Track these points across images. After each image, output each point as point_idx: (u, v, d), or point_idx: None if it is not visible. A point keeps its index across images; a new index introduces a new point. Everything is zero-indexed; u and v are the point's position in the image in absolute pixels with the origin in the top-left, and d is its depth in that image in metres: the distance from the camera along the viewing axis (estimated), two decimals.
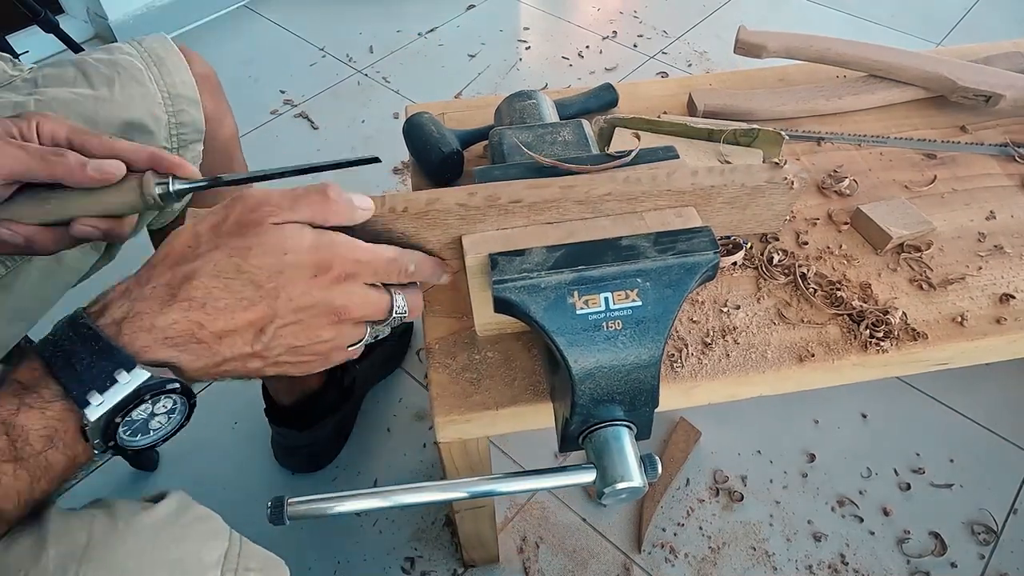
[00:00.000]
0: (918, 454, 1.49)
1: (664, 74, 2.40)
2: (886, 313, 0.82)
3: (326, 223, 0.55)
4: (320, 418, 1.42)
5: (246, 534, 0.56)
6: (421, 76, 2.41)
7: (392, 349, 1.61)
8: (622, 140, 0.95)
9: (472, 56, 2.49)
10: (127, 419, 0.48)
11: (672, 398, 0.79)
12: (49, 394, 0.47)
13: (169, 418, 0.52)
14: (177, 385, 0.50)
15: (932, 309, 0.84)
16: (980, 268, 0.88)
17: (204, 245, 0.51)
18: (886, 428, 1.53)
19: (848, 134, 1.03)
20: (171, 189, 0.64)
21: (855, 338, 0.81)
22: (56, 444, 0.47)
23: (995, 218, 0.93)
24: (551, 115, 0.94)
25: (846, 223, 0.92)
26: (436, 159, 0.93)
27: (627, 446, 0.64)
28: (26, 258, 0.84)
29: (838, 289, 0.84)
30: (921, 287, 0.86)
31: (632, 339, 0.63)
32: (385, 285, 0.58)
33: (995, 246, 0.90)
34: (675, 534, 1.39)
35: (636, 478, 0.62)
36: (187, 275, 0.50)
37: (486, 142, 1.01)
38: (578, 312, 0.62)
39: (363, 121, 2.24)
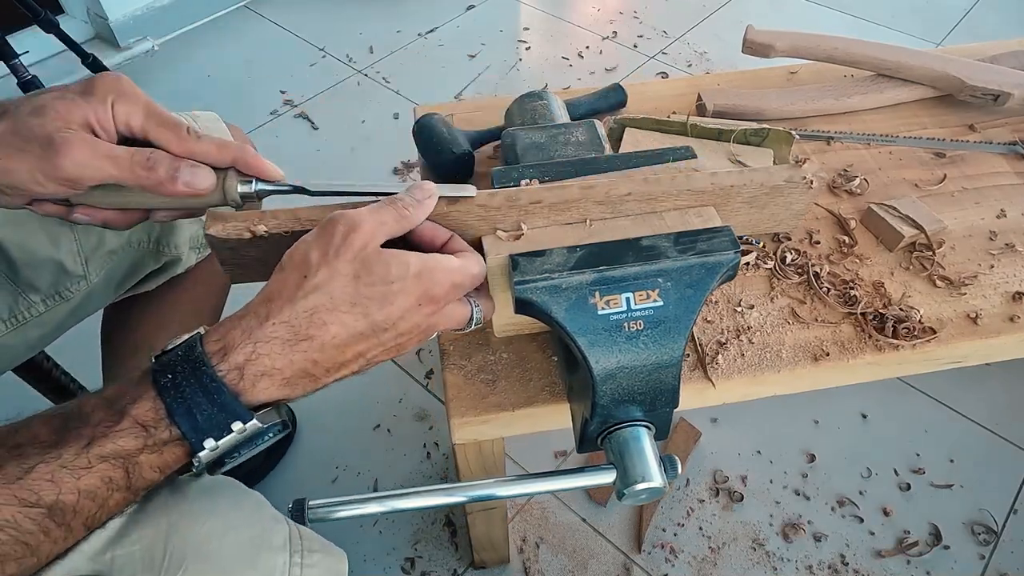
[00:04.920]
0: (918, 454, 1.49)
1: (664, 74, 2.40)
2: (906, 312, 0.82)
3: (406, 231, 0.58)
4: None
5: None
6: (421, 76, 2.41)
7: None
8: (632, 140, 0.95)
9: (472, 56, 2.48)
10: (234, 455, 0.51)
11: (687, 398, 0.79)
12: (168, 437, 0.48)
13: (259, 446, 0.53)
14: (281, 426, 0.52)
15: (946, 308, 0.84)
16: (992, 266, 0.88)
17: (319, 275, 0.52)
18: (886, 428, 1.53)
19: (857, 133, 1.03)
20: (254, 190, 0.63)
21: (869, 337, 0.81)
22: (161, 474, 0.49)
23: (1006, 216, 0.93)
24: (562, 116, 0.94)
25: (858, 222, 0.93)
26: (448, 160, 0.93)
27: (647, 446, 0.64)
28: (62, 298, 0.86)
29: (851, 288, 0.85)
30: (935, 285, 0.86)
31: (653, 339, 0.63)
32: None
33: (1006, 244, 0.90)
34: (675, 534, 1.39)
35: (657, 478, 0.62)
36: (306, 310, 0.51)
37: (496, 143, 1.00)
38: (599, 312, 0.62)
39: (363, 121, 2.24)
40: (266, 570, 0.53)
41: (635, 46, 2.52)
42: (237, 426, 0.49)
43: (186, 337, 0.51)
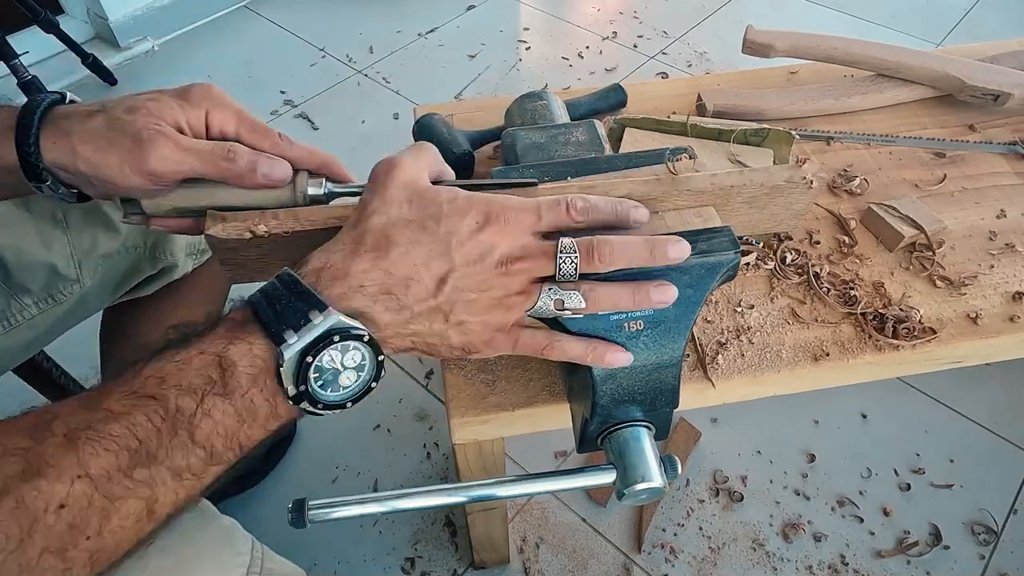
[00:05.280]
0: (918, 454, 1.49)
1: (664, 74, 2.40)
2: (906, 312, 0.82)
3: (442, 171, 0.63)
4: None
5: None
6: (421, 76, 2.41)
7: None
8: (632, 140, 0.95)
9: (472, 56, 2.48)
10: (317, 365, 0.50)
11: (687, 398, 0.79)
12: (254, 332, 0.51)
13: (358, 375, 0.53)
14: (364, 333, 0.51)
15: (946, 308, 0.84)
16: (992, 266, 0.88)
17: (374, 204, 0.56)
18: (886, 428, 1.53)
19: (857, 133, 1.03)
20: (323, 192, 0.64)
21: (869, 337, 0.81)
22: (259, 384, 0.50)
23: (1006, 216, 0.93)
24: (562, 116, 0.94)
25: (858, 222, 0.93)
26: (448, 160, 0.92)
27: (647, 447, 0.64)
28: (55, 301, 0.87)
29: (851, 288, 0.85)
30: (935, 285, 0.86)
31: (653, 339, 0.63)
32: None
33: (1006, 244, 0.90)
34: (675, 534, 1.39)
35: (657, 478, 0.62)
36: (367, 229, 0.54)
37: (496, 143, 1.00)
38: (599, 312, 0.62)
39: (363, 121, 2.24)
40: None
41: (635, 46, 2.52)
42: (315, 316, 0.50)
43: None
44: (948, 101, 1.08)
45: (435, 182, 0.62)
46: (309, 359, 0.50)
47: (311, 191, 0.64)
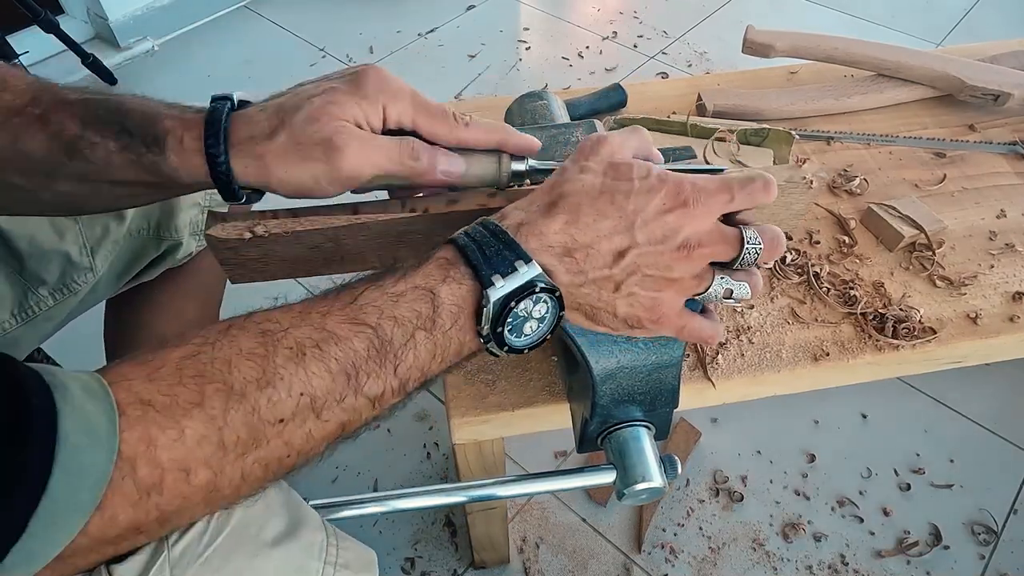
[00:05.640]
0: (918, 454, 1.49)
1: (664, 74, 2.40)
2: (906, 312, 0.82)
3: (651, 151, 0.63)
4: None
5: None
6: (421, 76, 2.41)
7: None
8: None
9: (472, 56, 2.48)
10: (513, 311, 0.52)
11: (686, 398, 0.79)
12: (464, 272, 0.53)
13: (539, 325, 0.55)
14: (557, 288, 0.54)
15: (946, 307, 0.84)
16: (992, 266, 0.88)
17: (571, 170, 0.58)
18: (886, 428, 1.53)
19: (857, 133, 1.03)
20: (525, 167, 0.65)
21: (869, 337, 0.81)
22: (457, 323, 0.53)
23: (1006, 216, 0.93)
24: (562, 116, 0.94)
25: (858, 222, 0.93)
26: None
27: (647, 446, 0.64)
28: (69, 291, 0.88)
29: (851, 288, 0.85)
30: (935, 285, 0.86)
31: (653, 339, 0.63)
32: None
33: (1006, 244, 0.90)
34: (675, 534, 1.39)
35: (657, 478, 0.62)
36: (561, 194, 0.56)
37: None
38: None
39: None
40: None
41: (635, 46, 2.52)
42: (521, 266, 0.52)
43: None
44: (948, 101, 1.08)
45: None
46: (512, 304, 0.52)
47: (515, 167, 0.65)
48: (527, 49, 2.52)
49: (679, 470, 0.64)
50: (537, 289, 0.52)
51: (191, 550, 0.48)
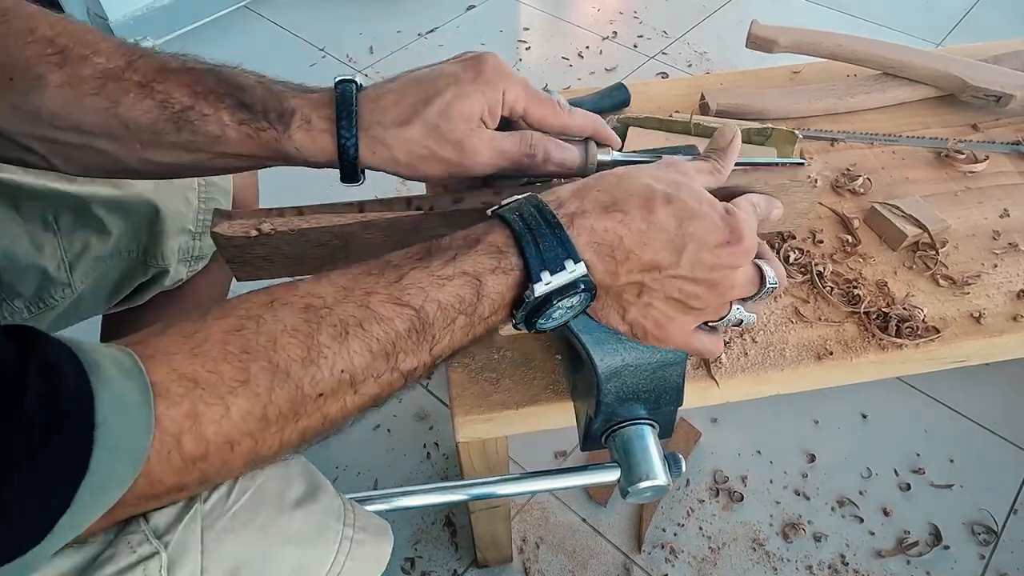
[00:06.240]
0: (918, 454, 1.49)
1: (664, 74, 2.40)
2: (909, 311, 0.82)
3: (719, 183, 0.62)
4: None
5: None
6: None
7: None
8: (636, 139, 0.95)
9: None
10: (552, 304, 0.53)
11: (690, 397, 0.78)
12: (514, 263, 0.52)
13: (568, 311, 0.55)
14: (595, 287, 0.54)
15: (949, 307, 0.84)
16: (995, 266, 0.88)
17: (639, 174, 0.57)
18: (886, 428, 1.53)
19: (861, 133, 1.03)
20: (610, 158, 0.67)
21: (873, 336, 0.81)
22: (497, 311, 0.53)
23: (1009, 216, 0.93)
24: None
25: (861, 221, 0.93)
26: None
27: (651, 445, 0.64)
28: (46, 306, 0.87)
29: (855, 287, 0.85)
30: (938, 285, 0.86)
31: None
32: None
33: (1010, 243, 0.90)
34: (675, 534, 1.39)
35: (661, 476, 0.62)
36: (625, 191, 0.55)
37: None
38: None
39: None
40: (325, 539, 0.54)
41: (635, 46, 2.52)
42: (570, 265, 0.52)
43: (517, 196, 0.56)
44: (951, 101, 1.08)
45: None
46: (555, 300, 0.52)
47: (601, 156, 0.67)
48: (527, 49, 2.51)
49: (683, 468, 0.64)
50: (580, 288, 0.52)
51: (219, 506, 0.49)
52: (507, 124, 0.65)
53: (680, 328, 0.59)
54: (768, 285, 0.59)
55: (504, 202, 0.56)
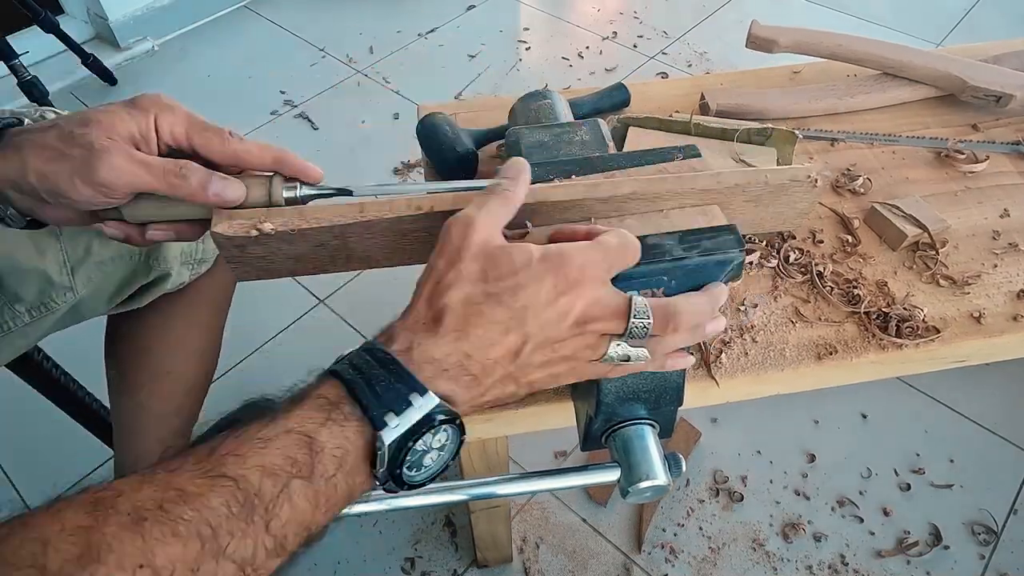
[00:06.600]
0: (918, 454, 1.49)
1: (664, 74, 2.40)
2: (909, 311, 0.82)
3: (515, 211, 0.58)
4: None
5: None
6: (421, 76, 2.41)
7: None
8: (636, 139, 0.95)
9: (472, 56, 2.49)
10: (412, 450, 0.48)
11: (690, 397, 0.78)
12: (349, 413, 0.48)
13: (439, 455, 0.52)
14: (458, 416, 0.50)
15: (949, 307, 0.84)
16: (995, 265, 0.88)
17: (449, 277, 0.53)
18: (886, 428, 1.54)
19: (861, 133, 1.03)
20: (298, 195, 0.63)
21: (873, 336, 0.81)
22: (343, 467, 0.47)
23: (1009, 216, 0.93)
24: (566, 115, 0.94)
25: (861, 221, 0.93)
26: (452, 159, 0.93)
27: (651, 444, 0.64)
28: (47, 310, 0.87)
29: (855, 287, 0.84)
30: (938, 285, 0.86)
31: None
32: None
33: (1010, 243, 0.90)
34: (675, 534, 1.39)
35: (661, 476, 0.62)
36: (444, 307, 0.52)
37: (500, 142, 1.00)
38: None
39: (363, 121, 2.24)
40: None
41: (635, 46, 2.53)
42: (416, 399, 0.48)
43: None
44: (951, 101, 1.08)
45: None
46: (410, 443, 0.48)
47: (286, 194, 0.62)
48: (527, 49, 2.52)
49: (683, 468, 0.64)
50: (437, 422, 0.48)
51: None
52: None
53: (576, 374, 0.58)
54: (632, 320, 0.55)
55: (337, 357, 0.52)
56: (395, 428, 0.47)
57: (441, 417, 0.49)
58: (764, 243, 0.89)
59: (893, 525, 1.39)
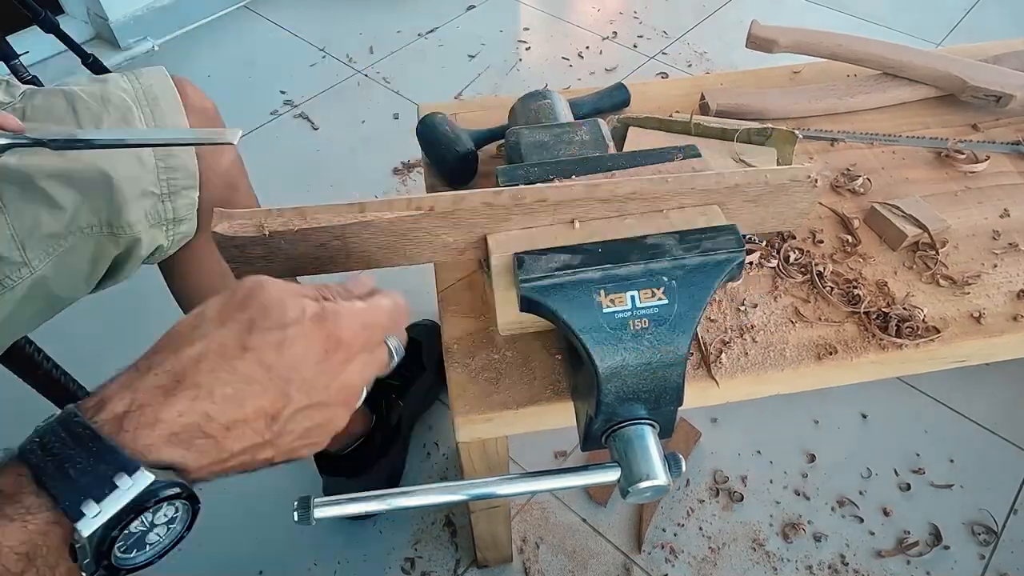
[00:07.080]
0: (918, 454, 1.49)
1: (664, 75, 2.40)
2: (909, 311, 0.82)
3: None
4: (371, 463, 1.38)
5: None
6: (421, 76, 2.40)
7: (432, 379, 1.55)
8: (636, 139, 0.95)
9: (472, 57, 2.48)
10: (125, 532, 0.42)
11: (690, 397, 0.78)
12: (34, 504, 0.40)
13: (168, 528, 0.45)
14: (181, 490, 0.43)
15: (949, 307, 0.84)
16: (995, 265, 0.88)
17: (210, 323, 0.47)
18: (886, 428, 1.53)
19: (860, 133, 1.04)
20: None
21: (873, 336, 0.81)
22: (35, 563, 0.40)
23: (1009, 216, 0.93)
24: (566, 115, 0.94)
25: (861, 221, 0.93)
26: (452, 159, 0.93)
27: (651, 444, 0.64)
28: (4, 286, 0.83)
29: (855, 287, 0.85)
30: (938, 285, 0.86)
31: (658, 338, 0.63)
32: None
33: (1010, 244, 0.90)
34: (675, 534, 1.39)
35: (661, 476, 0.62)
36: (192, 358, 0.45)
37: (500, 142, 1.01)
38: (605, 311, 0.62)
39: (363, 121, 2.23)
40: None
41: (635, 46, 2.52)
42: (123, 480, 0.40)
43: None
44: (951, 101, 1.08)
45: None
46: (115, 533, 0.41)
47: None
48: (527, 49, 2.51)
49: (683, 468, 0.64)
50: (155, 500, 0.42)
51: None
52: None
53: (337, 425, 0.52)
54: (394, 359, 0.53)
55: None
56: (95, 518, 0.40)
57: (166, 493, 0.42)
58: (764, 243, 0.89)
59: (893, 525, 1.39)
